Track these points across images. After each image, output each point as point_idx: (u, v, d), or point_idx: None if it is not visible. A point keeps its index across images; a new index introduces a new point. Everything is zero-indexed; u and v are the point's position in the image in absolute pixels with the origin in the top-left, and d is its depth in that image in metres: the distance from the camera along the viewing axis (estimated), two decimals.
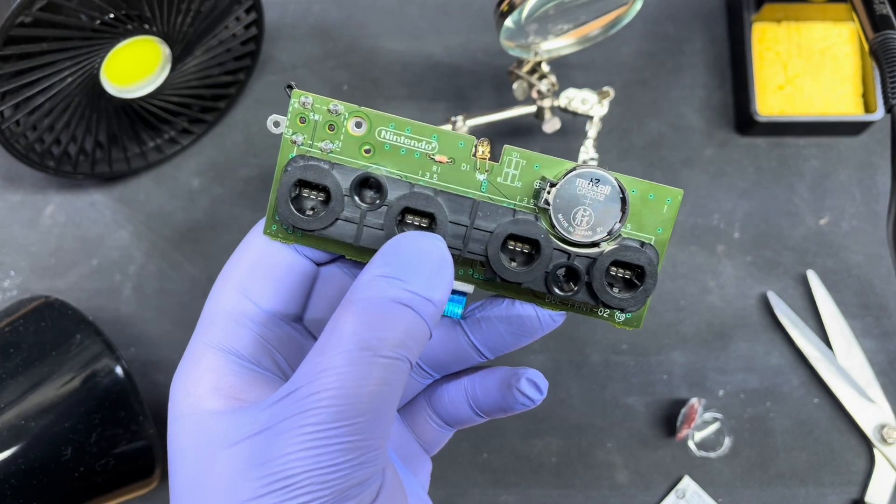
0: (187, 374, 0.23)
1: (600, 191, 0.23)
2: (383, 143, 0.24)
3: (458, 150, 0.23)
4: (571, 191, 0.23)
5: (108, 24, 0.40)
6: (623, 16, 0.42)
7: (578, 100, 0.44)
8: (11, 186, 0.49)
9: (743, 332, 0.47)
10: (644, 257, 0.23)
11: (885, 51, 0.36)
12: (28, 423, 0.36)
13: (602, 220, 0.23)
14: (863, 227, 0.49)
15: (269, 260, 0.24)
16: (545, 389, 0.26)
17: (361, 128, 0.24)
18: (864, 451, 0.45)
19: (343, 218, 0.23)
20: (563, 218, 0.23)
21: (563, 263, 0.23)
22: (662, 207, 0.24)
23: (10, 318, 0.39)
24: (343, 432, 0.19)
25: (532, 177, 0.23)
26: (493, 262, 0.23)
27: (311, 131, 0.24)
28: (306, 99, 0.23)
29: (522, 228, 0.23)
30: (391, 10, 0.52)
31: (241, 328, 0.24)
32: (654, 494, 0.45)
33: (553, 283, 0.23)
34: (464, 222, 0.23)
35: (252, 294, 0.24)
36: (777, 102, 0.49)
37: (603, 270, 0.23)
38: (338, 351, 0.20)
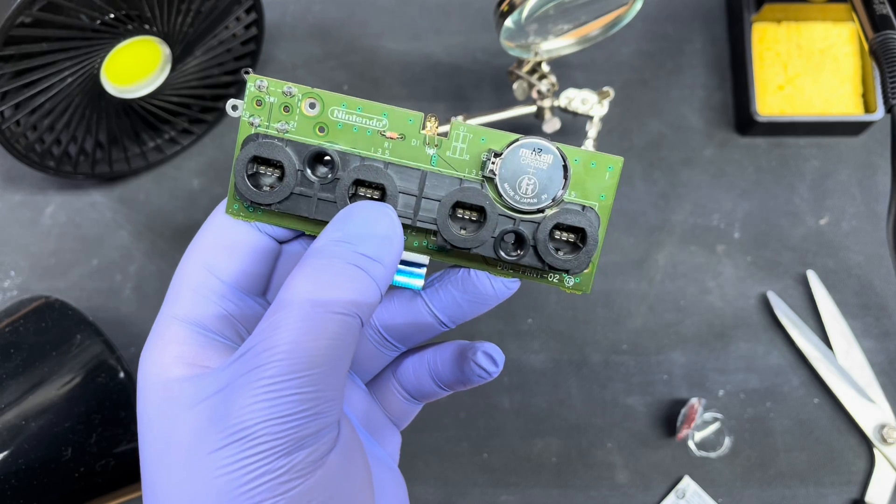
0: (154, 346, 0.24)
1: (543, 160, 0.24)
2: (336, 121, 0.25)
3: (407, 126, 0.24)
4: (516, 161, 0.24)
5: (109, 25, 0.40)
6: (623, 16, 0.42)
7: (578, 100, 0.44)
8: (12, 186, 0.49)
9: (743, 332, 0.47)
10: (584, 220, 0.24)
11: (885, 51, 0.36)
12: (28, 424, 0.36)
13: (546, 188, 0.24)
14: (863, 227, 0.49)
15: (232, 237, 0.25)
16: (501, 362, 0.26)
17: (315, 108, 0.25)
18: (864, 451, 0.45)
19: (297, 192, 0.24)
20: (509, 186, 0.24)
21: (509, 229, 0.24)
22: (604, 175, 0.25)
23: (10, 319, 0.39)
24: (297, 384, 0.20)
25: (479, 149, 0.24)
26: (441, 228, 0.24)
27: (268, 113, 0.25)
28: (262, 82, 0.24)
29: (468, 195, 0.24)
30: (391, 9, 0.52)
31: (205, 301, 0.24)
32: (655, 494, 0.45)
33: (501, 248, 0.24)
34: (413, 192, 0.24)
35: (216, 269, 0.25)
36: (777, 102, 0.49)
37: (546, 233, 0.24)
38: (291, 308, 0.21)
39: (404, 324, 0.27)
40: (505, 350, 0.46)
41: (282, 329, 0.21)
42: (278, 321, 0.21)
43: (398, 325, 0.27)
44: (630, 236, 0.48)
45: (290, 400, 0.20)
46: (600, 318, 0.47)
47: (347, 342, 0.22)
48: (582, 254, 0.24)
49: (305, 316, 0.21)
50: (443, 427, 0.45)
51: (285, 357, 0.20)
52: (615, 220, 0.49)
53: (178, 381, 0.23)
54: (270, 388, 0.20)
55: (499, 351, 0.27)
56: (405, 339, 0.28)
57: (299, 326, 0.21)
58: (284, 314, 0.21)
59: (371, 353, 0.28)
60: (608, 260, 0.48)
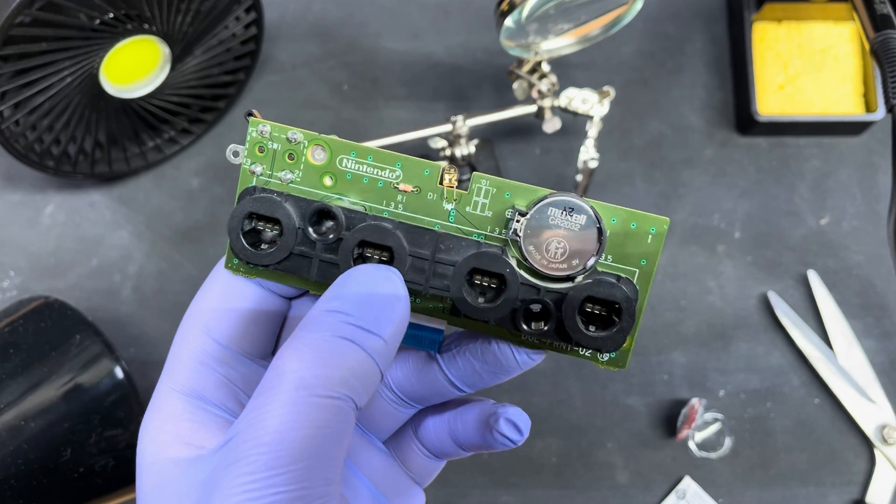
0: (151, 421, 0.22)
1: (575, 220, 0.21)
2: (345, 171, 0.22)
3: (423, 178, 0.22)
4: (543, 221, 0.21)
5: (108, 24, 0.40)
6: (623, 15, 0.42)
7: (579, 99, 0.44)
8: (11, 186, 0.49)
9: (743, 332, 0.47)
10: (620, 293, 0.21)
11: (885, 50, 0.36)
12: (27, 424, 0.36)
13: (578, 252, 0.21)
14: (863, 227, 0.49)
15: (234, 297, 0.23)
16: (526, 430, 0.24)
17: (322, 156, 0.22)
18: (864, 451, 0.45)
19: (297, 252, 0.22)
20: (535, 250, 0.21)
21: (533, 299, 0.21)
22: (647, 238, 0.22)
23: (9, 319, 0.39)
24: (278, 481, 0.18)
25: (503, 205, 0.22)
26: (455, 298, 0.21)
27: (271, 161, 0.22)
28: (264, 127, 0.22)
29: (485, 262, 0.21)
30: (391, 9, 0.52)
31: (206, 370, 0.23)
32: (655, 495, 0.45)
33: (522, 320, 0.22)
34: (425, 256, 0.21)
35: (216, 334, 0.23)
36: (778, 102, 0.49)
37: (575, 307, 0.21)
38: (274, 392, 0.19)
39: (420, 387, 0.25)
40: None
41: (265, 416, 0.19)
42: (262, 406, 0.19)
43: (414, 389, 0.25)
44: None
45: (272, 500, 0.18)
46: None
47: (339, 429, 0.19)
48: (616, 332, 0.21)
49: (291, 401, 0.19)
50: None
51: (267, 450, 0.18)
52: None
53: (172, 464, 0.21)
54: (251, 486, 0.18)
55: (524, 417, 0.24)
56: (422, 400, 0.26)
57: (283, 413, 0.19)
58: (268, 399, 0.19)
59: (388, 412, 0.26)
60: None
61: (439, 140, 0.44)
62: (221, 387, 0.23)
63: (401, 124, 0.50)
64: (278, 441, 0.18)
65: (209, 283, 0.24)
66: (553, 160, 0.50)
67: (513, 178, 0.42)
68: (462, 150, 0.44)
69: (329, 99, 0.51)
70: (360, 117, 0.51)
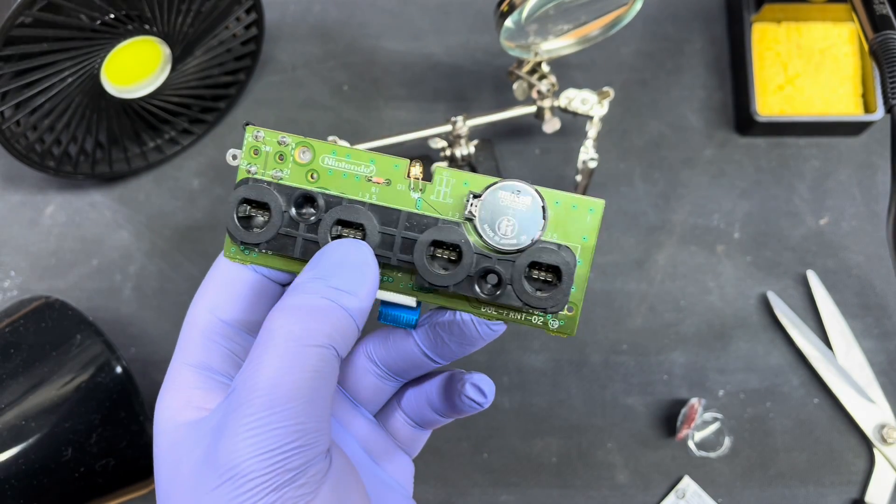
0: (166, 391, 0.25)
1: (522, 201, 0.24)
2: (327, 168, 0.26)
3: (393, 171, 0.25)
4: (495, 202, 0.24)
5: (109, 25, 0.40)
6: (623, 16, 0.42)
7: (578, 100, 0.44)
8: (12, 186, 0.49)
9: (743, 332, 0.47)
10: (559, 258, 0.24)
11: (885, 51, 0.36)
12: (28, 424, 0.36)
13: (525, 229, 0.24)
14: (863, 227, 0.49)
15: (233, 280, 0.26)
16: (490, 393, 0.27)
17: (307, 156, 0.26)
18: (863, 451, 0.45)
19: (283, 232, 0.25)
20: (489, 227, 0.24)
21: (486, 266, 0.24)
22: (586, 217, 0.25)
23: (10, 319, 0.39)
24: (278, 418, 0.21)
25: (462, 192, 0.25)
26: (418, 265, 0.24)
27: (264, 161, 0.26)
28: (259, 133, 0.26)
29: (444, 234, 0.24)
30: (391, 10, 0.52)
31: (213, 345, 0.25)
32: (655, 494, 0.45)
33: (479, 286, 0.25)
34: (393, 232, 0.25)
35: (219, 312, 0.26)
36: (777, 102, 0.49)
37: (521, 271, 0.24)
38: (268, 345, 0.22)
39: (400, 360, 0.28)
40: (505, 350, 0.46)
41: (260, 366, 0.21)
42: (256, 358, 0.22)
43: (394, 362, 0.28)
44: (630, 236, 0.48)
45: (272, 434, 0.21)
46: (600, 318, 0.47)
47: (325, 373, 0.22)
48: (558, 291, 0.24)
49: (282, 351, 0.22)
50: (443, 427, 0.45)
51: (264, 393, 0.21)
52: (616, 221, 0.49)
53: (184, 426, 0.24)
54: (253, 425, 0.21)
55: (488, 381, 0.27)
56: (404, 373, 0.28)
57: (276, 362, 0.21)
58: (261, 351, 0.22)
59: (374, 386, 0.29)
60: (608, 260, 0.48)
61: (439, 140, 0.44)
62: (227, 359, 0.25)
63: (401, 125, 0.50)
64: (274, 384, 0.21)
65: (213, 271, 0.27)
66: (553, 160, 0.50)
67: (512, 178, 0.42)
68: (462, 150, 0.44)
69: (329, 99, 0.51)
70: (361, 118, 0.51)
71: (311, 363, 0.22)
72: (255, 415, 0.21)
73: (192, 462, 0.22)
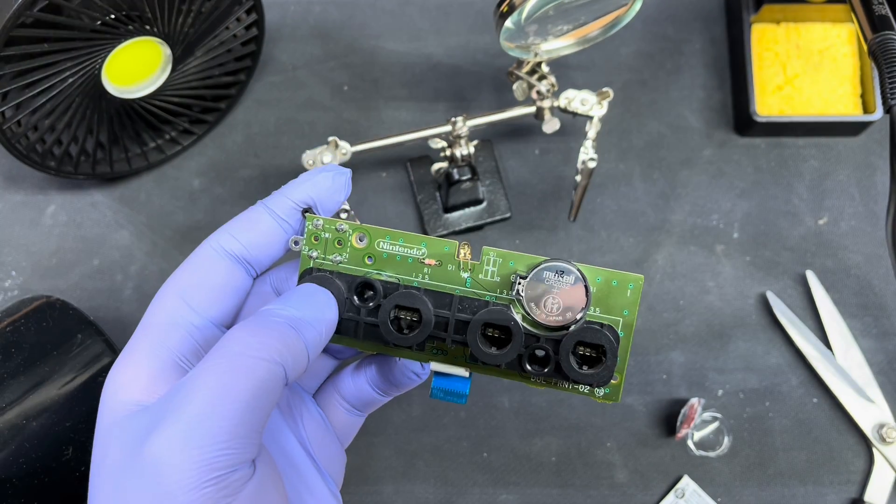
0: (117, 365, 0.25)
1: (566, 280, 0.26)
2: (382, 252, 0.28)
3: (444, 253, 0.27)
4: (540, 282, 0.26)
5: (109, 25, 0.40)
6: (622, 17, 0.42)
7: (578, 100, 0.44)
8: (13, 186, 0.49)
9: (742, 331, 0.47)
10: (604, 337, 0.25)
11: (883, 51, 0.37)
12: (29, 423, 0.36)
13: (569, 307, 0.26)
14: (861, 227, 0.49)
15: (208, 271, 0.27)
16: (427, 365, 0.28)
17: (363, 241, 0.28)
18: (862, 450, 0.45)
19: (346, 317, 0.27)
20: (535, 305, 0.26)
21: (535, 345, 0.26)
22: (626, 292, 0.26)
23: (11, 318, 0.39)
24: (214, 420, 0.21)
25: (508, 271, 0.27)
26: (472, 346, 0.26)
27: (324, 247, 0.28)
28: (318, 222, 0.28)
29: (495, 316, 0.26)
30: (391, 10, 0.53)
31: (175, 329, 0.26)
32: (654, 494, 0.45)
33: (528, 362, 0.26)
34: (447, 315, 0.27)
35: (189, 300, 0.26)
36: (776, 103, 0.50)
37: (568, 350, 0.26)
38: (221, 352, 0.23)
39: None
40: None
41: (208, 370, 0.22)
42: (206, 362, 0.23)
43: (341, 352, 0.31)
44: (629, 236, 0.49)
45: (205, 433, 0.21)
46: None
47: (269, 388, 0.23)
48: (603, 369, 0.26)
49: (232, 359, 0.22)
50: (443, 426, 0.46)
51: (208, 392, 0.22)
52: (615, 221, 0.49)
53: (123, 405, 0.24)
54: (189, 421, 0.21)
55: None
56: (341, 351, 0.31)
57: (225, 365, 0.22)
58: (213, 355, 0.23)
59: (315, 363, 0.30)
60: (608, 260, 0.48)
61: (439, 140, 0.44)
62: (186, 344, 0.26)
63: (401, 125, 0.50)
64: (219, 385, 0.22)
65: (189, 260, 0.27)
66: (552, 160, 0.50)
67: (512, 178, 0.44)
68: (462, 150, 0.44)
69: (330, 100, 0.51)
70: (361, 118, 0.51)
71: (259, 374, 0.22)
72: (193, 412, 0.21)
73: (124, 446, 0.23)
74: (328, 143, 0.42)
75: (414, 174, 0.49)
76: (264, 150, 0.50)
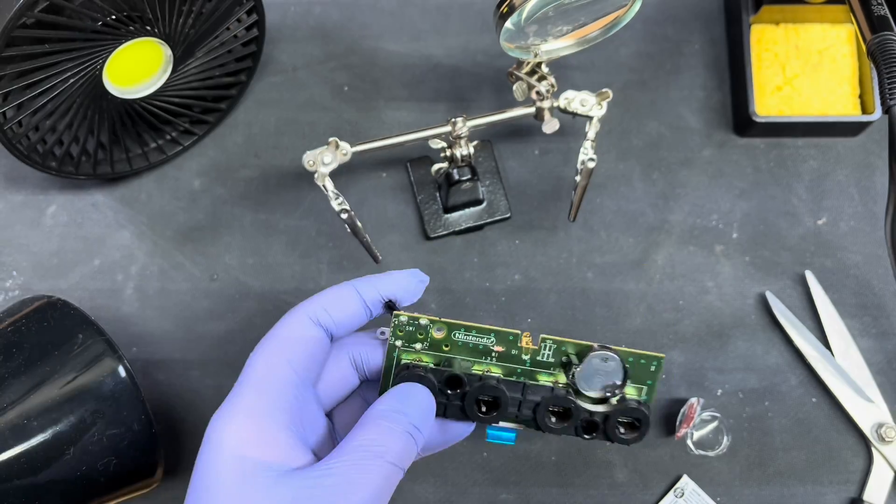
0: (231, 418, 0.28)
1: (609, 365, 0.32)
2: (457, 340, 0.33)
3: (508, 341, 0.33)
4: (590, 367, 0.32)
5: (110, 26, 0.40)
6: (622, 17, 0.43)
7: (577, 101, 0.44)
8: (14, 187, 0.49)
9: (741, 331, 0.47)
10: (639, 412, 0.33)
11: (883, 52, 0.37)
12: (30, 423, 0.36)
13: (612, 385, 0.33)
14: (861, 227, 0.49)
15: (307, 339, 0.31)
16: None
17: (441, 332, 0.33)
18: (862, 449, 0.46)
19: (439, 401, 0.32)
20: (586, 385, 0.33)
21: (587, 419, 0.33)
22: (650, 367, 0.33)
23: (12, 318, 0.39)
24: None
25: (560, 355, 0.33)
26: (541, 425, 0.33)
27: (407, 337, 0.33)
28: (402, 318, 0.33)
29: (559, 401, 0.33)
30: (392, 11, 0.53)
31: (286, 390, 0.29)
32: (653, 493, 0.45)
33: (582, 431, 0.33)
34: (518, 397, 0.33)
35: (295, 365, 0.30)
36: (775, 103, 0.50)
37: (613, 422, 0.33)
38: (358, 453, 0.28)
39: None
40: None
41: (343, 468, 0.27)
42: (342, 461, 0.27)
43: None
44: (629, 236, 0.49)
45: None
46: (599, 318, 0.47)
47: (391, 485, 0.28)
48: (640, 434, 0.33)
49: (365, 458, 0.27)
50: None
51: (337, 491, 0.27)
52: (614, 221, 0.49)
53: (254, 462, 0.27)
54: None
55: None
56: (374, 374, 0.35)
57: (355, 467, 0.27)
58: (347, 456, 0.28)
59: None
60: (607, 260, 0.48)
61: (439, 141, 0.44)
62: (295, 405, 0.29)
63: (401, 125, 0.51)
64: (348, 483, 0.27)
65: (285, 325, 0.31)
66: (552, 161, 0.50)
67: (512, 179, 0.45)
68: (462, 150, 0.44)
69: (330, 100, 0.51)
70: (361, 118, 0.51)
71: (385, 474, 0.28)
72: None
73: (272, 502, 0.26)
74: (328, 143, 0.42)
75: (414, 174, 0.49)
76: (265, 150, 0.50)
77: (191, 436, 0.46)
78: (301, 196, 0.49)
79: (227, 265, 0.48)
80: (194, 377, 0.46)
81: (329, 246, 0.48)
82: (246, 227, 0.49)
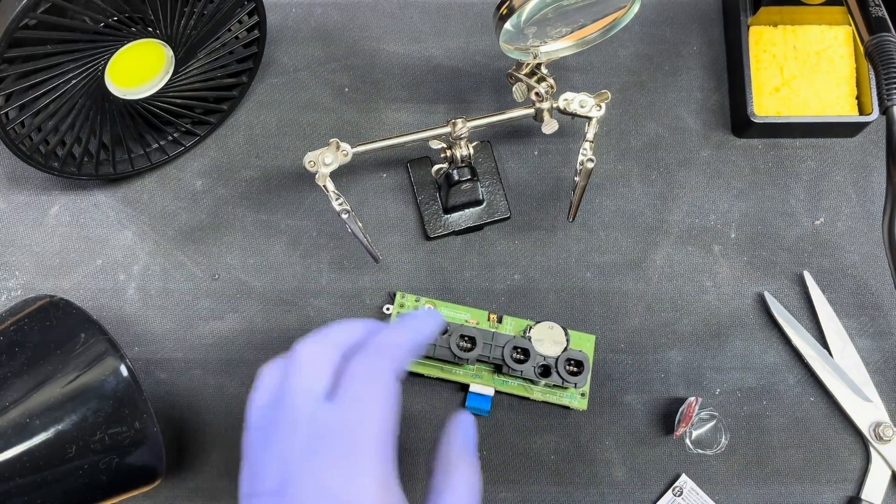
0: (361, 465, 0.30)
1: (555, 332, 0.44)
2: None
3: (481, 316, 0.46)
4: (540, 331, 0.45)
5: (112, 27, 0.40)
6: (621, 19, 0.43)
7: (576, 102, 0.44)
8: (16, 187, 0.49)
9: (739, 331, 0.47)
10: (581, 355, 0.44)
11: (880, 53, 0.37)
12: (33, 422, 0.36)
13: (558, 343, 0.44)
14: (858, 227, 0.49)
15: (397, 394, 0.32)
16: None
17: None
18: (859, 448, 0.46)
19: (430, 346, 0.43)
20: (538, 344, 0.44)
21: (542, 363, 0.44)
22: (587, 343, 0.46)
23: (15, 318, 0.39)
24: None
25: (519, 326, 0.46)
26: (505, 359, 0.44)
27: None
28: (404, 298, 0.47)
29: (519, 341, 0.44)
30: (392, 13, 0.53)
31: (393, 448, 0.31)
32: (652, 492, 0.45)
33: (539, 374, 0.44)
34: (489, 343, 0.44)
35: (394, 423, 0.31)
36: (773, 104, 0.50)
37: (563, 365, 0.44)
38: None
39: None
40: None
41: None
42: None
43: None
44: (627, 237, 0.49)
45: None
46: (598, 318, 0.48)
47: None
48: (581, 375, 0.44)
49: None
50: (442, 425, 0.46)
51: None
52: (613, 221, 0.49)
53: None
54: None
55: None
56: None
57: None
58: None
59: None
60: (606, 260, 0.49)
61: (439, 142, 0.45)
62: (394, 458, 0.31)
63: (401, 126, 0.51)
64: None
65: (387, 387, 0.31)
66: (551, 161, 0.50)
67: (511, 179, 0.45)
68: (461, 151, 0.45)
69: (331, 101, 0.51)
70: (361, 119, 0.51)
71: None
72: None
73: None
74: (329, 144, 0.42)
75: (414, 175, 0.49)
76: (266, 151, 0.50)
77: (192, 434, 0.46)
78: (302, 196, 0.50)
79: (229, 265, 0.48)
80: (196, 376, 0.46)
81: (330, 246, 0.49)
82: (247, 227, 0.49)
